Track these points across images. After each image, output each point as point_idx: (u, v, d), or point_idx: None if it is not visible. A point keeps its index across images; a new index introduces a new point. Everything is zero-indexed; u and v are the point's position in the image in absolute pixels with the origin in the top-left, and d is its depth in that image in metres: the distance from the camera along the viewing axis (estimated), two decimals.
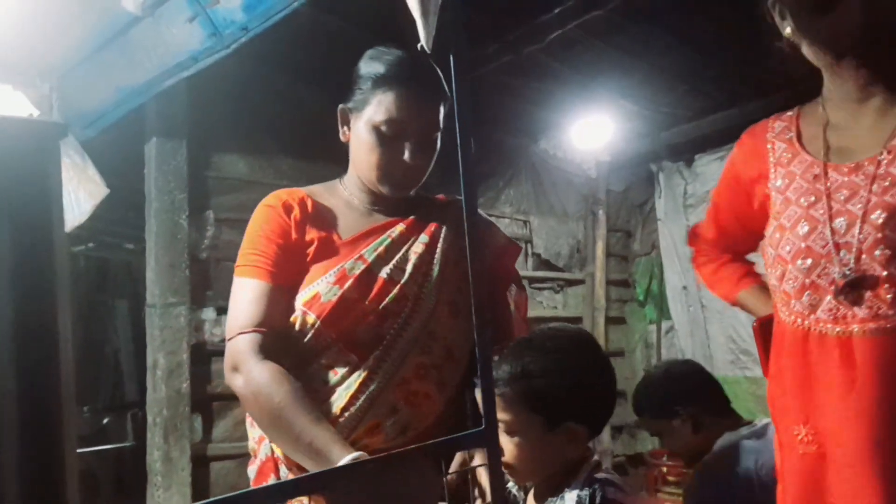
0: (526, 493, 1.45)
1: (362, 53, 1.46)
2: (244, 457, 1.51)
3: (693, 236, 1.65)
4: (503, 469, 1.39)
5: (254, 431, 1.47)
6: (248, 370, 1.33)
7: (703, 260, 1.62)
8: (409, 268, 1.45)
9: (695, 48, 2.85)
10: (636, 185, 4.52)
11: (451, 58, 1.15)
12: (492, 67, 2.84)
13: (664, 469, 3.70)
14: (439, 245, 1.49)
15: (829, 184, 1.17)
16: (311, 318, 1.38)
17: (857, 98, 1.20)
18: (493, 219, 3.89)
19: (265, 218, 1.45)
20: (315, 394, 1.35)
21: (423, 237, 1.49)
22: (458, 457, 1.39)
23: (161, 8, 1.99)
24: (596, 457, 1.39)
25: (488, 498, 1.31)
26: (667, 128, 3.91)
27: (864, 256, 1.10)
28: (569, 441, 1.32)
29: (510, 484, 1.47)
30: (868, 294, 1.10)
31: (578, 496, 1.30)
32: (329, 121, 1.48)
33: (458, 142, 1.15)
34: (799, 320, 1.18)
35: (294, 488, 1.03)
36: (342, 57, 1.51)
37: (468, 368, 1.47)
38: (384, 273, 1.42)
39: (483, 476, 1.33)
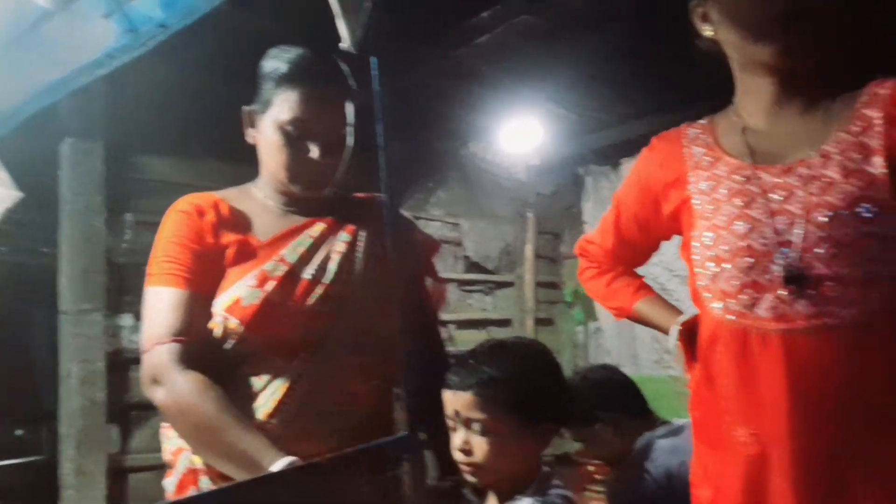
0: (482, 499, 1.46)
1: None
2: (164, 468, 1.46)
3: (583, 247, 1.62)
4: (470, 470, 1.40)
5: (169, 443, 1.43)
6: (170, 382, 1.29)
7: (594, 273, 1.60)
8: (332, 267, 1.43)
9: (621, 54, 2.91)
10: (564, 189, 4.58)
11: (374, 58, 1.14)
12: (421, 69, 2.83)
13: (591, 468, 3.75)
14: (361, 243, 1.47)
15: (762, 185, 1.18)
16: (233, 324, 1.34)
17: (775, 101, 1.22)
18: (422, 221, 3.91)
19: (178, 223, 1.40)
20: (241, 401, 1.31)
21: (345, 235, 1.47)
22: None
23: (75, 3, 1.91)
24: (545, 468, 1.41)
25: None
26: (594, 132, 3.97)
27: (806, 255, 1.11)
28: (543, 440, 1.36)
29: (468, 494, 1.47)
30: (812, 292, 1.10)
31: (532, 502, 1.32)
32: None
33: (380, 142, 1.14)
34: (738, 319, 1.18)
35: (223, 499, 1.00)
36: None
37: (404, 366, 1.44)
38: (307, 274, 1.40)
39: None
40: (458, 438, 1.38)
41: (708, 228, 1.24)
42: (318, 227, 1.46)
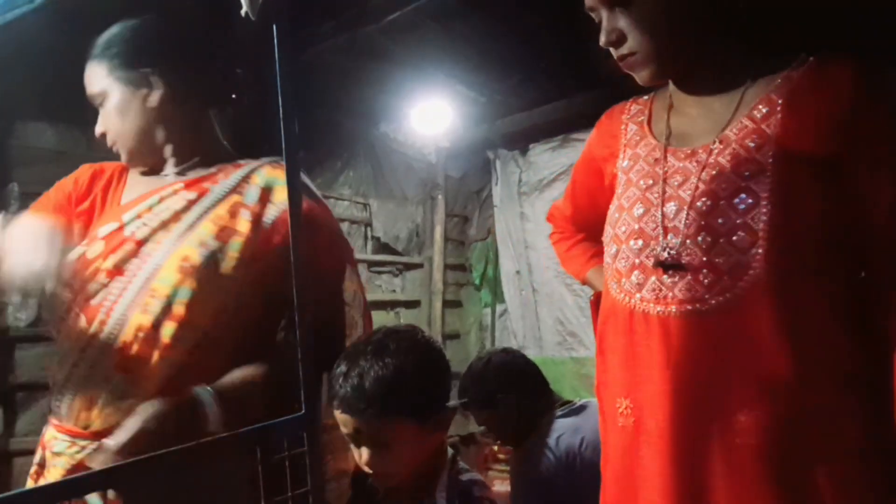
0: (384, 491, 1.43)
1: (177, 19, 1.41)
2: (31, 453, 1.38)
3: (551, 213, 1.67)
4: (380, 480, 1.36)
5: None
6: None
7: (558, 237, 1.65)
8: (155, 223, 1.36)
9: (527, 38, 2.93)
10: (474, 172, 4.61)
11: (273, 29, 1.10)
12: (327, 45, 2.77)
13: (495, 448, 3.83)
14: (205, 200, 1.39)
15: (666, 168, 1.20)
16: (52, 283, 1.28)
17: (692, 88, 1.23)
18: (331, 200, 3.84)
19: (55, 187, 1.45)
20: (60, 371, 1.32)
21: (190, 194, 1.40)
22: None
23: None
24: (451, 451, 1.40)
25: None
26: (502, 116, 4.01)
27: (688, 241, 1.14)
28: (443, 426, 1.35)
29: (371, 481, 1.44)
30: (688, 277, 1.14)
31: (440, 491, 1.31)
32: None
33: (281, 116, 1.10)
34: (627, 298, 1.22)
35: (84, 484, 0.95)
36: (155, 24, 1.43)
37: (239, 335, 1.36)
38: (128, 231, 1.35)
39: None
40: (364, 454, 1.33)
41: (616, 208, 1.28)
42: (174, 187, 1.41)
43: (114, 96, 1.41)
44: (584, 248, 1.58)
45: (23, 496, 0.77)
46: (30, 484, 1.34)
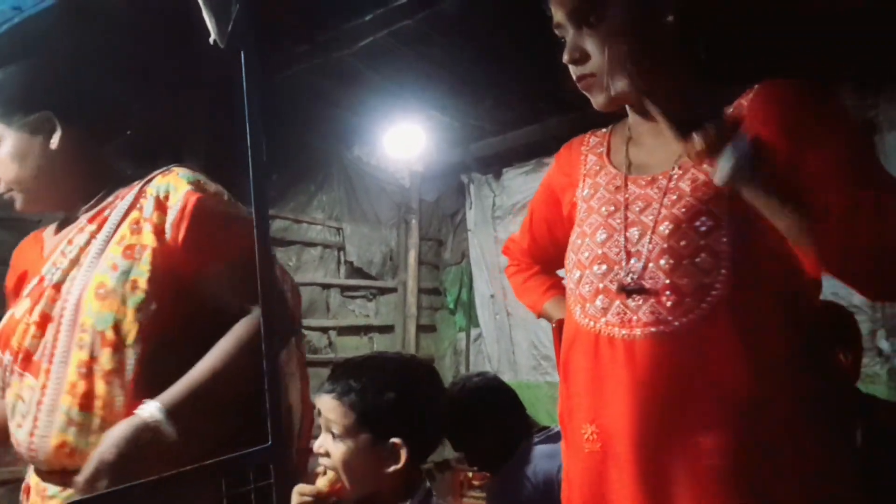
0: None
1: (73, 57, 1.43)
2: (14, 482, 1.37)
3: (507, 246, 1.68)
4: (330, 480, 1.39)
5: None
6: None
7: (514, 270, 1.66)
8: (65, 264, 1.38)
9: (500, 62, 2.96)
10: (448, 196, 4.62)
11: (241, 54, 1.09)
12: (301, 69, 2.77)
13: (469, 474, 3.79)
14: (106, 227, 1.40)
15: (627, 195, 1.23)
16: None
17: (649, 117, 1.24)
18: (305, 225, 3.82)
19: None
20: (17, 428, 1.33)
21: (91, 226, 1.41)
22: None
23: None
24: (427, 485, 1.42)
25: None
26: (476, 140, 4.03)
27: (650, 265, 1.16)
28: (390, 457, 1.38)
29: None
30: (652, 301, 1.15)
31: None
32: None
33: (250, 140, 1.09)
34: (591, 323, 1.23)
35: None
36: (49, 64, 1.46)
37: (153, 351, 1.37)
38: (46, 281, 1.37)
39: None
40: (318, 440, 1.42)
41: (578, 235, 1.30)
42: (79, 225, 1.42)
43: (7, 142, 1.39)
44: (541, 281, 1.60)
45: None
46: None
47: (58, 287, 1.35)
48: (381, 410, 1.38)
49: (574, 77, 1.23)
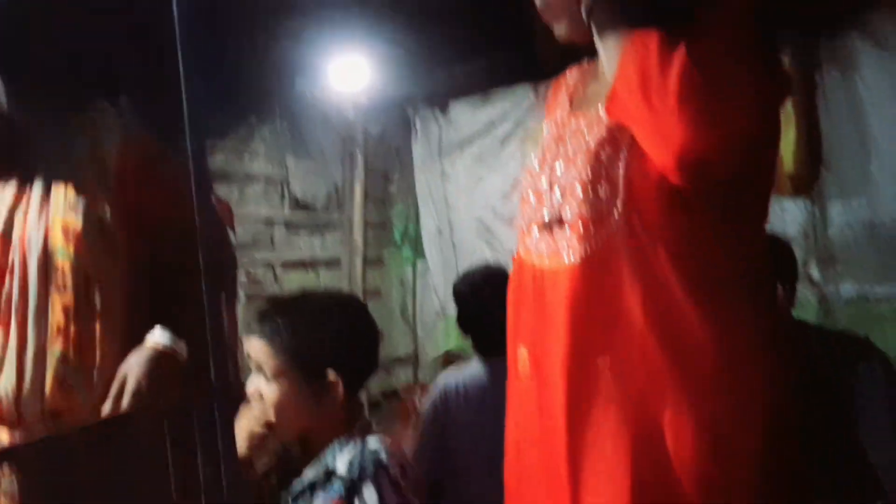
0: (299, 448, 1.46)
1: None
2: None
3: None
4: (264, 421, 1.40)
5: None
6: None
7: None
8: (3, 212, 1.38)
9: None
10: (393, 129, 4.55)
11: None
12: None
13: (417, 402, 3.87)
14: (37, 179, 1.40)
15: (566, 130, 1.28)
16: None
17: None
18: (246, 159, 3.73)
19: None
20: None
21: (11, 184, 1.41)
22: None
23: None
24: (366, 417, 1.44)
25: None
26: (422, 73, 3.96)
27: (568, 196, 1.22)
28: (325, 392, 1.37)
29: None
30: (567, 231, 1.22)
31: (351, 454, 1.35)
32: None
33: (181, 73, 1.06)
34: (526, 254, 1.31)
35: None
36: None
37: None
38: None
39: None
40: (250, 383, 1.42)
41: (527, 169, 1.36)
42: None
43: None
44: None
45: None
46: None
47: (4, 236, 1.34)
48: (311, 347, 1.39)
49: (539, 7, 1.26)
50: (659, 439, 1.15)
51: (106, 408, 1.26)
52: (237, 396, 1.45)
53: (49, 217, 1.34)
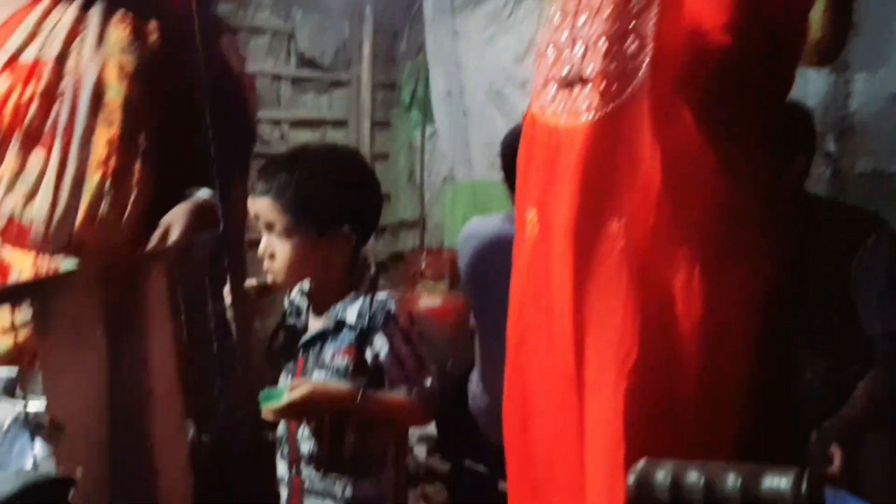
0: (309, 304, 1.50)
1: None
2: None
3: None
4: (273, 276, 1.42)
5: None
6: None
7: None
8: (58, 44, 1.38)
9: None
10: None
11: None
12: None
13: (422, 265, 3.94)
14: (95, 9, 1.43)
15: None
16: None
17: None
18: (251, 9, 3.59)
19: None
20: (20, 206, 1.34)
21: (70, 10, 1.42)
22: None
23: None
24: (373, 270, 1.47)
25: None
26: None
27: (590, 51, 1.16)
28: (336, 244, 1.38)
29: (294, 294, 1.50)
30: (588, 87, 1.17)
31: (361, 306, 1.38)
32: None
33: None
34: (541, 112, 1.26)
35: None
36: None
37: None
38: (29, 56, 1.38)
39: None
40: (262, 244, 1.41)
41: (546, 24, 1.30)
42: (43, 6, 1.41)
43: None
44: None
45: None
46: None
47: (57, 65, 1.37)
48: (319, 201, 1.40)
49: None
50: (668, 304, 1.16)
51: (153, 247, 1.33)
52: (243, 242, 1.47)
53: (106, 53, 1.39)
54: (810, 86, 2.91)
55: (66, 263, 1.32)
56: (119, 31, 1.40)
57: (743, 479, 0.80)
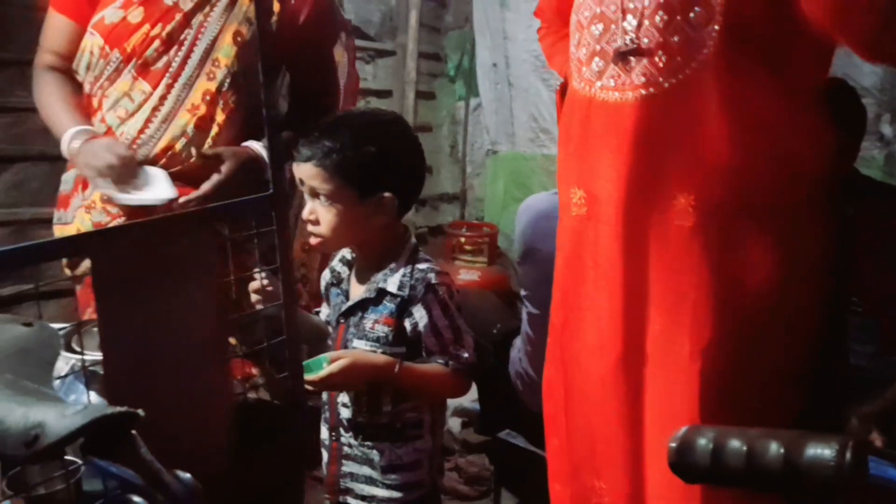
0: (350, 270, 1.51)
1: None
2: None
3: (540, 7, 1.61)
4: (318, 239, 1.43)
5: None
6: (35, 81, 1.67)
7: (545, 31, 1.60)
8: None
9: None
10: None
11: None
12: None
13: (462, 239, 3.94)
14: None
15: None
16: (96, 40, 1.60)
17: None
18: None
19: None
20: (118, 120, 1.61)
21: None
22: None
23: None
24: (414, 241, 1.47)
25: None
26: None
27: (645, 22, 1.11)
28: (379, 209, 1.39)
29: (336, 263, 1.52)
30: (645, 61, 1.11)
31: (402, 276, 1.39)
32: None
33: None
34: (587, 87, 1.21)
35: (52, 249, 0.96)
36: None
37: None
38: (169, 1, 1.59)
39: None
40: (306, 208, 1.45)
41: None
42: None
43: None
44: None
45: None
46: None
47: (188, 16, 1.59)
48: (363, 166, 1.40)
49: None
50: (741, 282, 1.11)
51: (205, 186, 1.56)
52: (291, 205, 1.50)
53: (230, 17, 1.61)
54: (866, 65, 2.82)
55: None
56: (247, 5, 1.61)
57: (786, 446, 0.79)
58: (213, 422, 0.98)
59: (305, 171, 1.42)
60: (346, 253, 1.56)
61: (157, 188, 1.53)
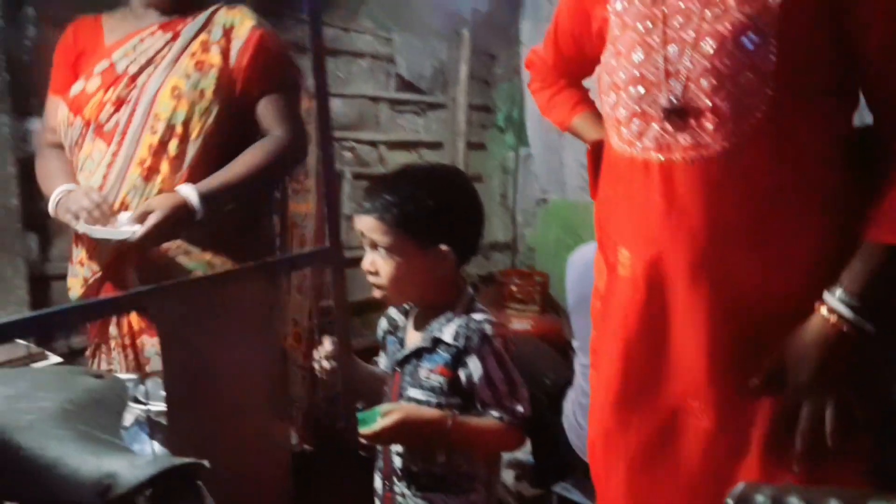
0: (406, 318, 1.53)
1: None
2: None
3: (530, 59, 1.61)
4: (379, 291, 1.46)
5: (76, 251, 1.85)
6: (36, 159, 1.91)
7: (538, 85, 1.61)
8: (142, 60, 1.74)
9: None
10: (502, 6, 4.39)
11: None
12: None
13: (513, 287, 3.93)
14: (179, 40, 1.75)
15: (665, 8, 1.14)
16: (64, 111, 1.78)
17: None
18: (352, 34, 3.71)
19: (60, 42, 1.85)
20: (85, 180, 1.76)
21: (166, 35, 1.76)
22: None
23: None
24: (471, 291, 1.48)
25: None
26: None
27: (691, 85, 1.10)
28: (438, 261, 1.41)
29: (392, 310, 1.54)
30: (692, 123, 1.11)
31: (458, 326, 1.40)
32: None
33: None
34: (627, 148, 1.20)
35: (111, 306, 0.99)
36: None
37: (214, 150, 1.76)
38: (120, 68, 1.75)
39: None
40: (366, 259, 1.45)
41: (612, 54, 1.23)
42: (152, 28, 1.77)
43: None
44: (569, 96, 1.55)
45: (55, 314, 0.80)
46: None
47: (134, 78, 1.72)
48: (422, 219, 1.41)
49: None
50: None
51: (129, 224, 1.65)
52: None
53: (170, 75, 1.72)
54: None
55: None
56: (187, 61, 1.73)
57: None
58: (273, 472, 1.00)
59: (365, 224, 1.45)
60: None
61: (124, 226, 1.67)
